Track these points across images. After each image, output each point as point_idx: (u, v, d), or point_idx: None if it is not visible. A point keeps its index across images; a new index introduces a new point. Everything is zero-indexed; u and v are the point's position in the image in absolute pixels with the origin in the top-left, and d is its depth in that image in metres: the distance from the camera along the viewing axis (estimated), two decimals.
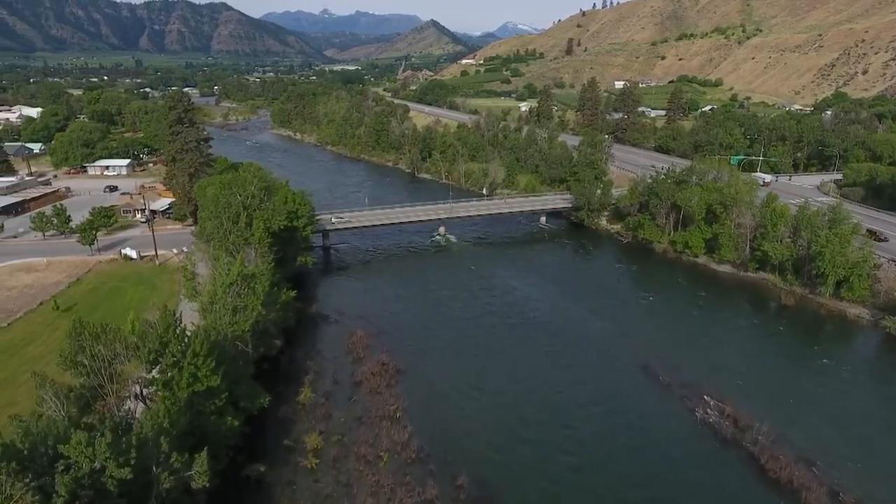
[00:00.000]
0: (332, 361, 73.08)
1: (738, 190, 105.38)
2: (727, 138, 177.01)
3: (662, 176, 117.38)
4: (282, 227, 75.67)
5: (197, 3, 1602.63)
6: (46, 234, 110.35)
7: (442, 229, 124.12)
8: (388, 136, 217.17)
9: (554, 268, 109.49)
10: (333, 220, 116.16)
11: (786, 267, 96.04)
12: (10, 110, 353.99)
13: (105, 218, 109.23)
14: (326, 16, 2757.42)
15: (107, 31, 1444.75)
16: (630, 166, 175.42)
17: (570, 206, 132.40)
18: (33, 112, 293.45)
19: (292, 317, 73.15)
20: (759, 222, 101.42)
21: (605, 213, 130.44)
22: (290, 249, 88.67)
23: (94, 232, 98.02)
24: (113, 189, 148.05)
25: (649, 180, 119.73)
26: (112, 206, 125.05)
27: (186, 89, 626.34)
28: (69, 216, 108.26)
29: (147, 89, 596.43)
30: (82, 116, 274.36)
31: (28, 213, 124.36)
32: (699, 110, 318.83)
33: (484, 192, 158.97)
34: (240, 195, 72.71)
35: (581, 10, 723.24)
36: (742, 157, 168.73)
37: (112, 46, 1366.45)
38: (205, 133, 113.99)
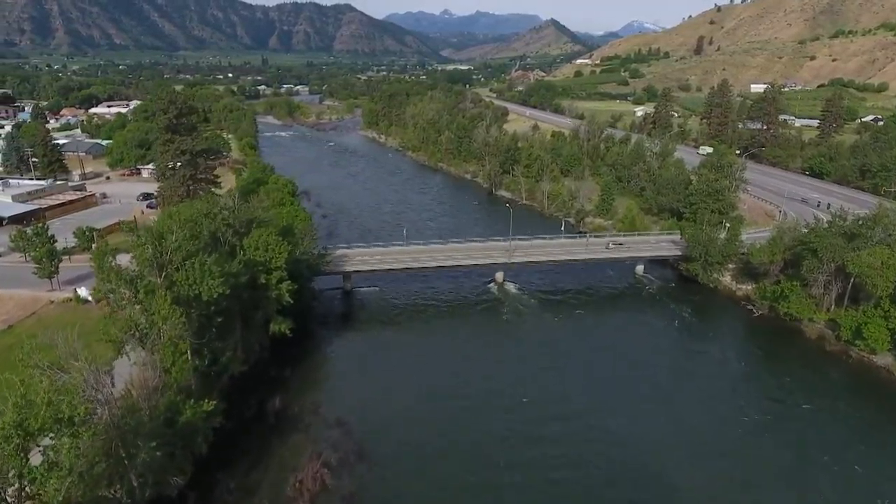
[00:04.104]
0: None
1: None
2: None
3: (825, 225, 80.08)
4: (216, 294, 50.71)
5: (323, 4, 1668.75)
6: (30, 255, 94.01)
7: (499, 275, 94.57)
8: (471, 144, 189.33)
9: (648, 354, 75.04)
10: (357, 258, 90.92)
11: None
12: (126, 105, 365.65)
13: (90, 241, 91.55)
14: (447, 16, 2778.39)
15: (241, 32, 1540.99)
16: (769, 194, 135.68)
17: (679, 253, 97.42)
18: None
19: (202, 443, 47.68)
20: None
21: (730, 267, 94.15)
22: (261, 313, 63.93)
23: (53, 262, 79.31)
24: (147, 196, 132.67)
25: (803, 228, 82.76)
26: (118, 221, 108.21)
27: (298, 87, 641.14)
28: (52, 236, 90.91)
29: (262, 87, 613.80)
30: None
31: (47, 222, 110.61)
32: (857, 120, 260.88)
33: (564, 221, 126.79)
34: (151, 248, 48.60)
35: (716, 4, 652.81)
36: None
37: (245, 46, 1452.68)
38: (206, 142, 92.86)
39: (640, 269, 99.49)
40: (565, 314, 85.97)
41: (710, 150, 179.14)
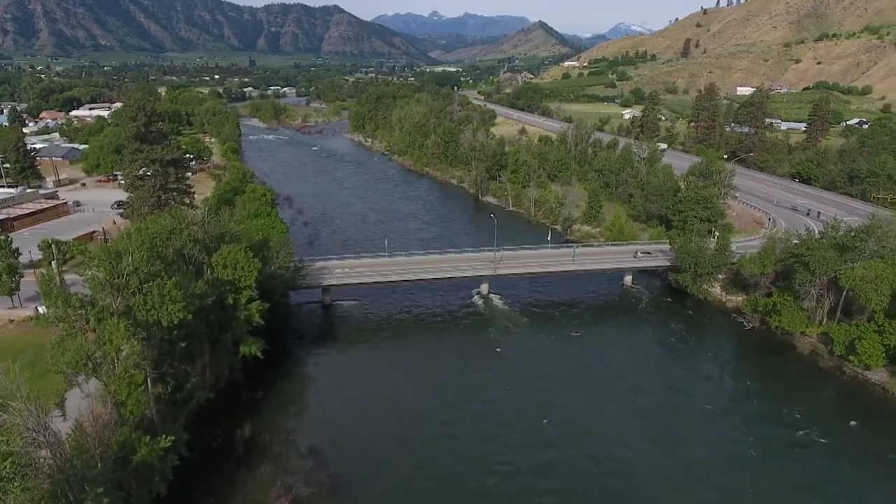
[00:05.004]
0: None
1: None
2: None
3: (816, 237, 77.99)
4: (177, 320, 47.39)
5: (311, 5, 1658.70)
6: None
7: (484, 287, 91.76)
8: (457, 149, 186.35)
9: (639, 373, 72.18)
10: (337, 271, 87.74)
11: None
12: (109, 108, 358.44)
13: (53, 254, 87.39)
14: (435, 18, 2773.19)
15: (229, 34, 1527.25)
16: (758, 201, 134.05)
17: (668, 264, 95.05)
18: None
19: (160, 482, 44.26)
20: None
21: (720, 277, 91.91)
22: (230, 335, 60.55)
23: (14, 277, 75.45)
24: (122, 204, 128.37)
25: (794, 240, 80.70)
26: (91, 232, 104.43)
27: (285, 89, 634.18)
28: (16, 249, 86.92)
29: (249, 89, 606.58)
30: None
31: (14, 233, 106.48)
32: (842, 123, 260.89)
33: (550, 229, 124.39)
34: (104, 271, 45.16)
35: (702, 7, 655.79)
36: None
37: (232, 48, 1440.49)
38: (178, 150, 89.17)
39: (628, 279, 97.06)
40: (552, 329, 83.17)
41: (664, 146, 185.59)
